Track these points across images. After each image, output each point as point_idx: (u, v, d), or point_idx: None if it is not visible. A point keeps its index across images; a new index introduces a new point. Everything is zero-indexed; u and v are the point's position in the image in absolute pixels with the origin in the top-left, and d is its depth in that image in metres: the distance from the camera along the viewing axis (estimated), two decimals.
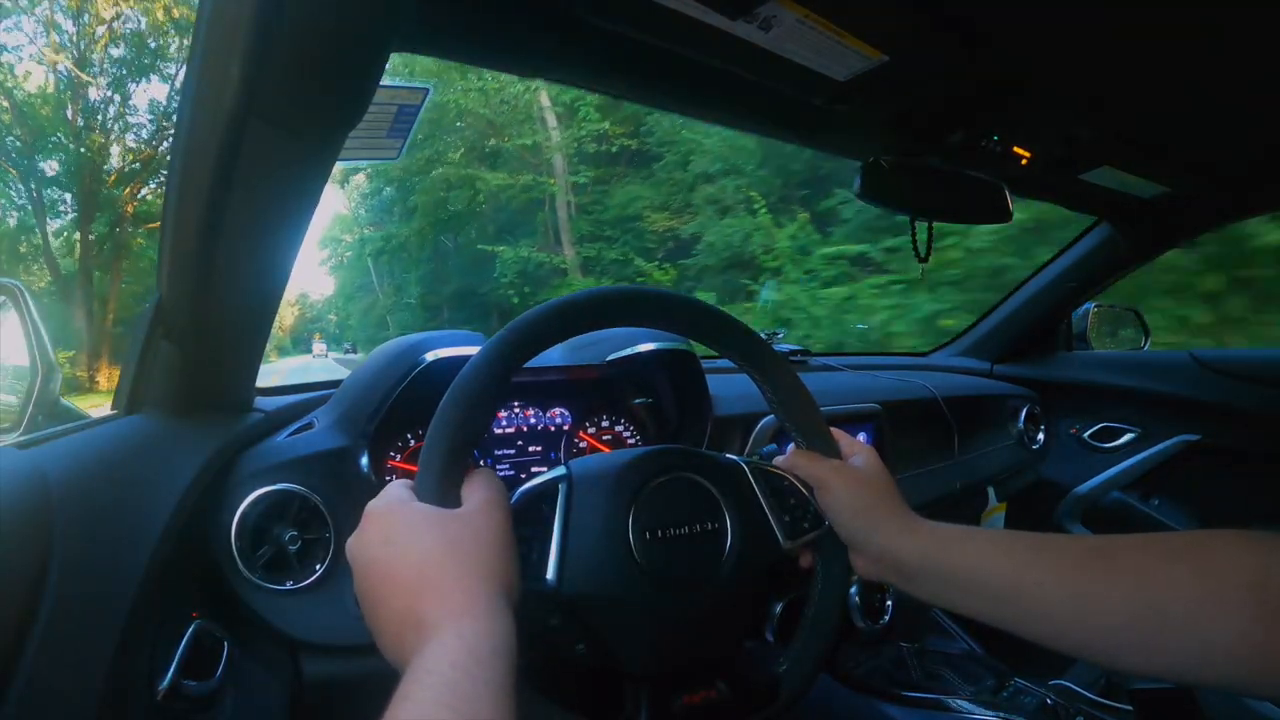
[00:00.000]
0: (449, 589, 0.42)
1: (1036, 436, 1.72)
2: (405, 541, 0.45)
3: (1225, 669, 0.44)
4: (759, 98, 0.77)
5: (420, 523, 0.46)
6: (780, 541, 0.59)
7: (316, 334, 48.65)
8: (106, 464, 0.61)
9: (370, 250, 25.10)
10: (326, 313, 53.33)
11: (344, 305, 43.87)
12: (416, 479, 0.49)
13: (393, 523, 0.46)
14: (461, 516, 0.46)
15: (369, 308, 34.04)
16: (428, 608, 0.41)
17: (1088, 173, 1.11)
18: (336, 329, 47.75)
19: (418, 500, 0.48)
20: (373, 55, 0.49)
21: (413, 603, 0.42)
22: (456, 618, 0.40)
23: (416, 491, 0.48)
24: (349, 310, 41.32)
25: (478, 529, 0.46)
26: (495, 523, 0.47)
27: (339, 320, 47.33)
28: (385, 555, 0.45)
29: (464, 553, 0.44)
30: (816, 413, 0.64)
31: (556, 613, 0.53)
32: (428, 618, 0.41)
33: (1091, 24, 0.67)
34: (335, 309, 49.17)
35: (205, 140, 0.51)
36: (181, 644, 0.60)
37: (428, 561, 0.44)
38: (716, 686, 0.57)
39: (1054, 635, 0.52)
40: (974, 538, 0.57)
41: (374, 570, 0.45)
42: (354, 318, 39.16)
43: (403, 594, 0.43)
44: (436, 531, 0.45)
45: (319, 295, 55.67)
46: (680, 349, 0.98)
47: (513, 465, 0.99)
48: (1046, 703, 1.01)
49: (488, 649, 0.39)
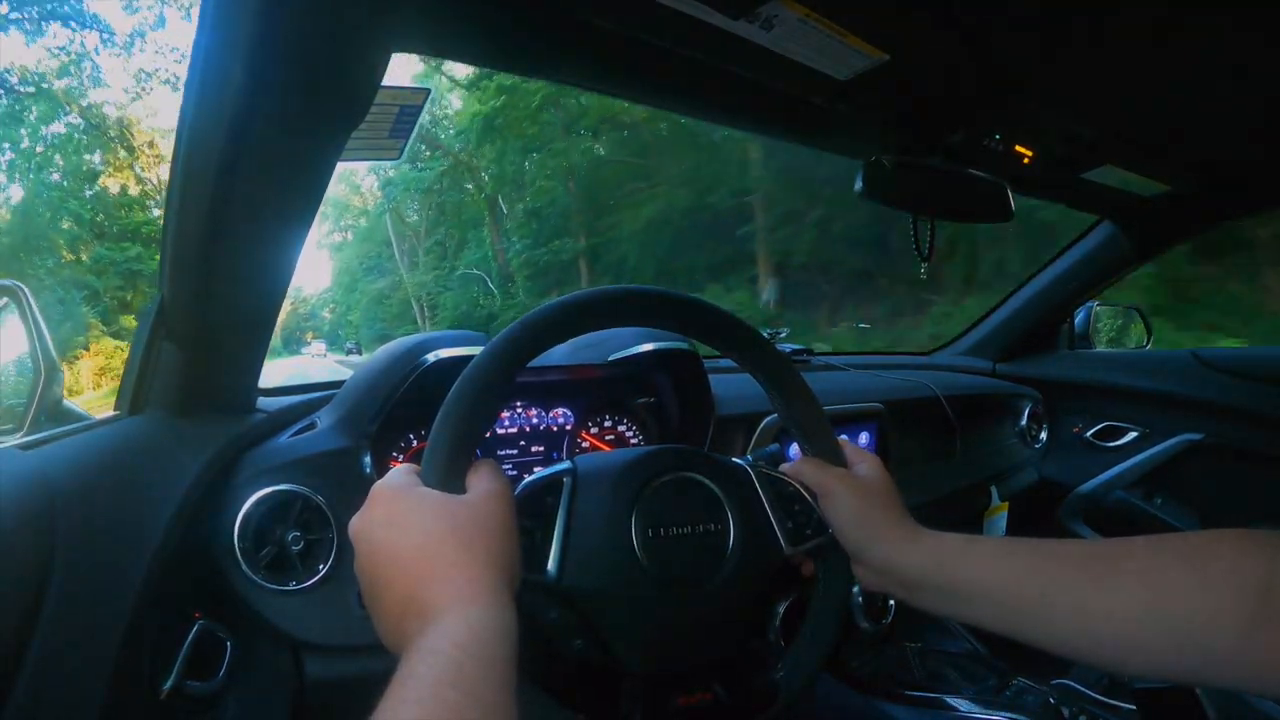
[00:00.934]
0: (452, 574, 0.42)
1: (1039, 435, 1.71)
2: (410, 524, 0.45)
3: (1231, 670, 0.44)
4: (761, 97, 0.77)
5: (425, 507, 0.46)
6: (783, 546, 0.59)
7: (309, 332, 45.11)
8: (109, 465, 0.61)
9: (419, 189, 20.07)
10: (321, 308, 47.57)
11: (343, 296, 40.01)
12: (423, 464, 0.49)
13: (397, 505, 0.46)
14: (466, 503, 0.46)
15: (382, 296, 29.60)
16: (431, 592, 0.41)
17: (1089, 172, 1.11)
18: (335, 325, 43.07)
19: (423, 485, 0.48)
20: (374, 56, 0.49)
21: (415, 586, 0.42)
22: (460, 602, 0.40)
23: (422, 476, 0.48)
24: (349, 301, 37.41)
25: (482, 516, 0.46)
26: (499, 511, 0.47)
27: (336, 315, 43.44)
28: (389, 537, 0.45)
29: (468, 539, 0.44)
30: (823, 419, 0.64)
31: (555, 606, 0.53)
32: (431, 602, 0.41)
33: (1093, 23, 0.67)
34: (333, 300, 44.09)
35: (207, 141, 0.51)
36: (184, 644, 0.60)
37: (431, 546, 0.44)
38: (713, 689, 0.57)
39: (1059, 642, 0.51)
40: (976, 548, 0.57)
41: (377, 552, 0.45)
42: (357, 310, 35.16)
43: (405, 577, 0.43)
44: (441, 516, 0.45)
45: (312, 289, 48.98)
46: (683, 349, 0.98)
47: (515, 465, 0.99)
48: (1049, 702, 1.01)
49: (491, 632, 0.39)
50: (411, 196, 23.35)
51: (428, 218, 24.57)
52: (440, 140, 21.35)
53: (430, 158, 21.53)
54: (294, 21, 0.43)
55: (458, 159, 21.00)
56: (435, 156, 21.45)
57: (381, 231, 29.17)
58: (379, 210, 28.59)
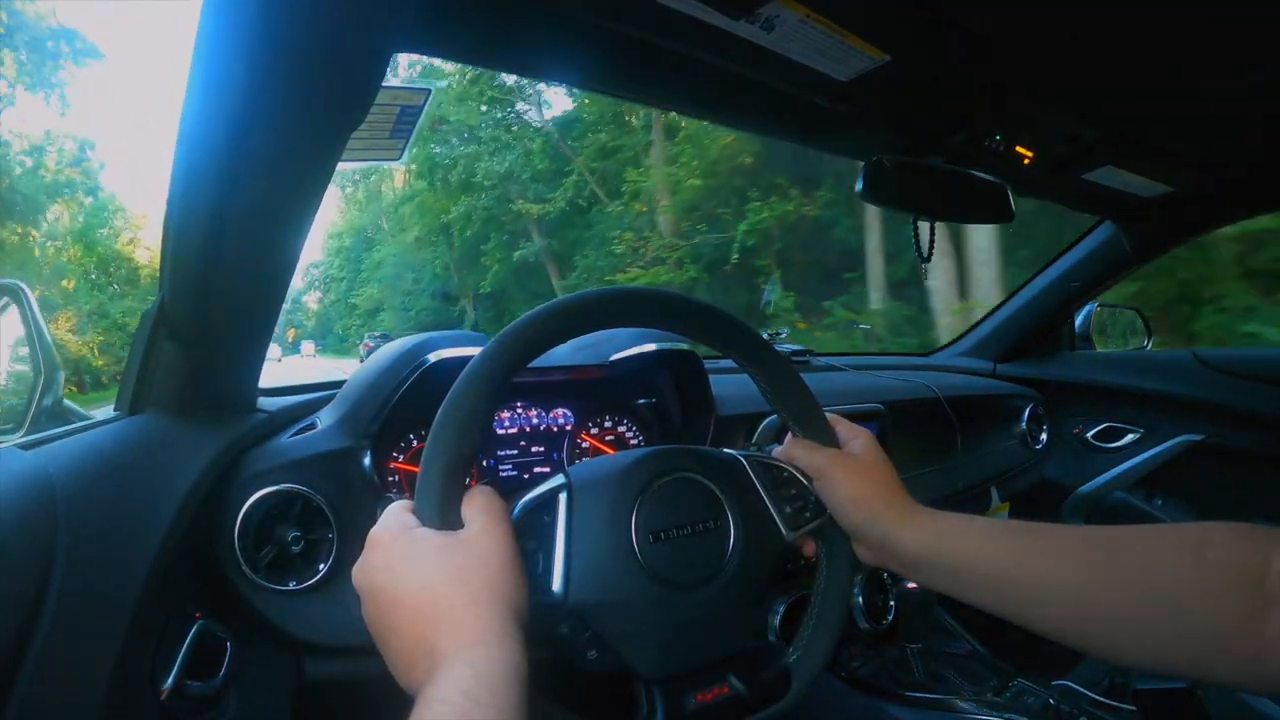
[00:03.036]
0: (458, 617, 0.42)
1: (1040, 436, 1.71)
2: (410, 570, 0.45)
3: (1225, 662, 0.44)
4: (761, 98, 0.77)
5: (424, 550, 0.46)
6: (783, 533, 0.59)
7: (290, 329, 40.97)
8: (110, 465, 0.61)
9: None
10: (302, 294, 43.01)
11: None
12: (415, 502, 0.49)
13: (396, 550, 0.46)
14: (465, 542, 0.46)
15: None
16: (438, 636, 0.41)
17: (1090, 172, 1.11)
18: (313, 321, 39.74)
19: (420, 524, 0.47)
20: (375, 56, 0.49)
21: (423, 631, 0.42)
22: (467, 646, 0.40)
23: (417, 514, 0.48)
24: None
25: (483, 553, 0.46)
26: (499, 544, 0.47)
27: (321, 311, 40.60)
28: (390, 583, 0.45)
29: (471, 579, 0.44)
30: (812, 401, 0.64)
31: (566, 622, 0.53)
32: (438, 646, 0.41)
33: (1093, 24, 0.67)
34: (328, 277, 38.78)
35: (208, 141, 0.51)
36: (185, 644, 0.60)
37: (435, 590, 0.44)
38: (729, 682, 0.57)
39: (1053, 626, 0.52)
40: (975, 526, 0.57)
41: (381, 599, 0.45)
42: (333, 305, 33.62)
43: (412, 622, 0.43)
44: (442, 558, 0.45)
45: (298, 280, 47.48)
46: (682, 349, 0.98)
47: (515, 466, 0.99)
48: (1049, 703, 1.01)
49: (499, 677, 0.39)
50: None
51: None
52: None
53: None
54: (294, 21, 0.43)
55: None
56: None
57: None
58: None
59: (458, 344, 0.83)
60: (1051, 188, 1.25)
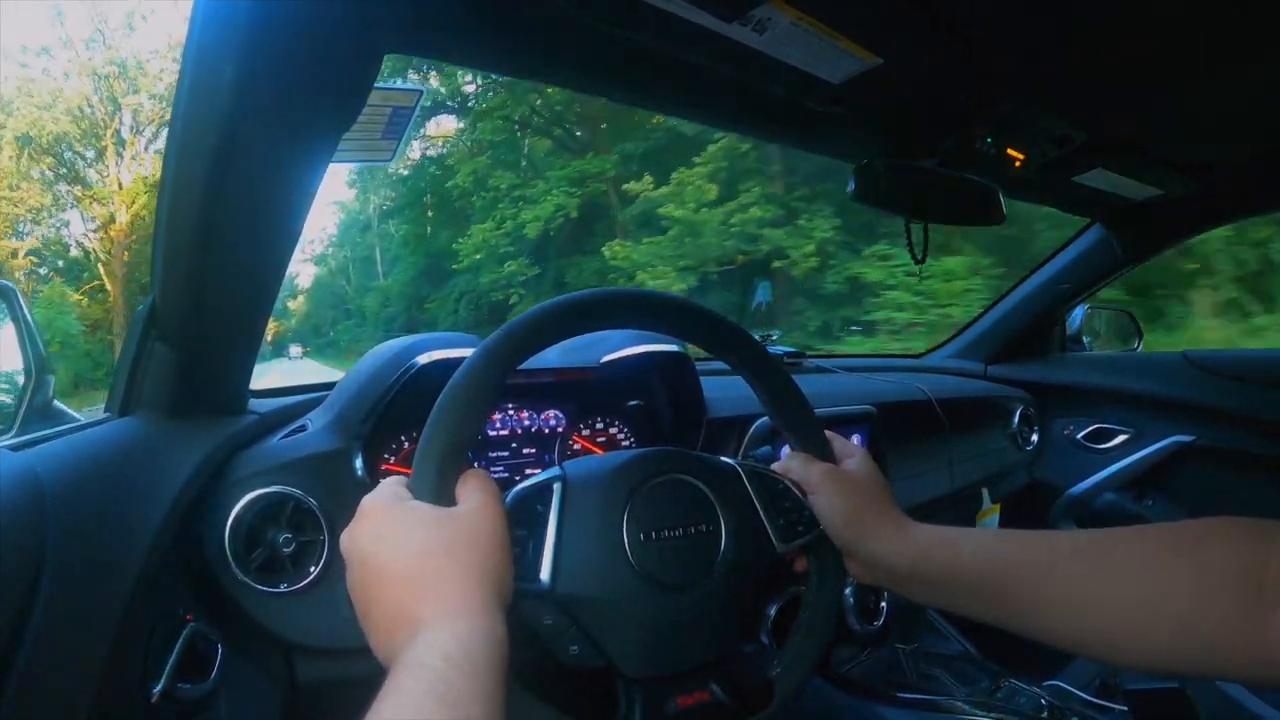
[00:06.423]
0: (443, 589, 0.42)
1: (1030, 438, 1.72)
2: (400, 539, 0.45)
3: (1224, 660, 0.44)
4: (753, 100, 0.77)
5: (416, 521, 0.46)
6: (774, 545, 0.59)
7: (273, 325, 37.09)
8: (100, 466, 0.60)
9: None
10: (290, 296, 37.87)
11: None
12: (412, 477, 0.49)
13: (388, 519, 0.46)
14: (457, 516, 0.46)
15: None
16: (421, 606, 0.41)
17: (1081, 175, 1.11)
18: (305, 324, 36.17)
19: (413, 498, 0.47)
20: (367, 56, 0.49)
21: (406, 600, 0.42)
22: (449, 616, 0.40)
23: (412, 489, 0.48)
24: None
25: (473, 529, 0.46)
26: (490, 524, 0.47)
27: (308, 310, 36.89)
28: (379, 551, 0.45)
29: (459, 553, 0.44)
30: (811, 415, 0.64)
31: (550, 612, 0.53)
32: (420, 615, 0.41)
33: (1084, 27, 0.68)
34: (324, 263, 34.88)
35: (199, 141, 0.51)
36: (175, 647, 0.59)
37: (422, 560, 0.44)
38: (710, 689, 0.57)
39: (1050, 632, 0.51)
40: (966, 539, 0.57)
41: (368, 566, 0.45)
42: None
43: (396, 591, 0.43)
44: (432, 530, 0.45)
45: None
46: (674, 351, 0.98)
47: (507, 467, 0.99)
48: (1041, 703, 1.01)
49: (479, 646, 0.39)
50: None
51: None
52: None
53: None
54: (286, 21, 0.43)
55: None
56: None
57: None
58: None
59: (448, 345, 0.83)
60: (1043, 190, 1.25)
